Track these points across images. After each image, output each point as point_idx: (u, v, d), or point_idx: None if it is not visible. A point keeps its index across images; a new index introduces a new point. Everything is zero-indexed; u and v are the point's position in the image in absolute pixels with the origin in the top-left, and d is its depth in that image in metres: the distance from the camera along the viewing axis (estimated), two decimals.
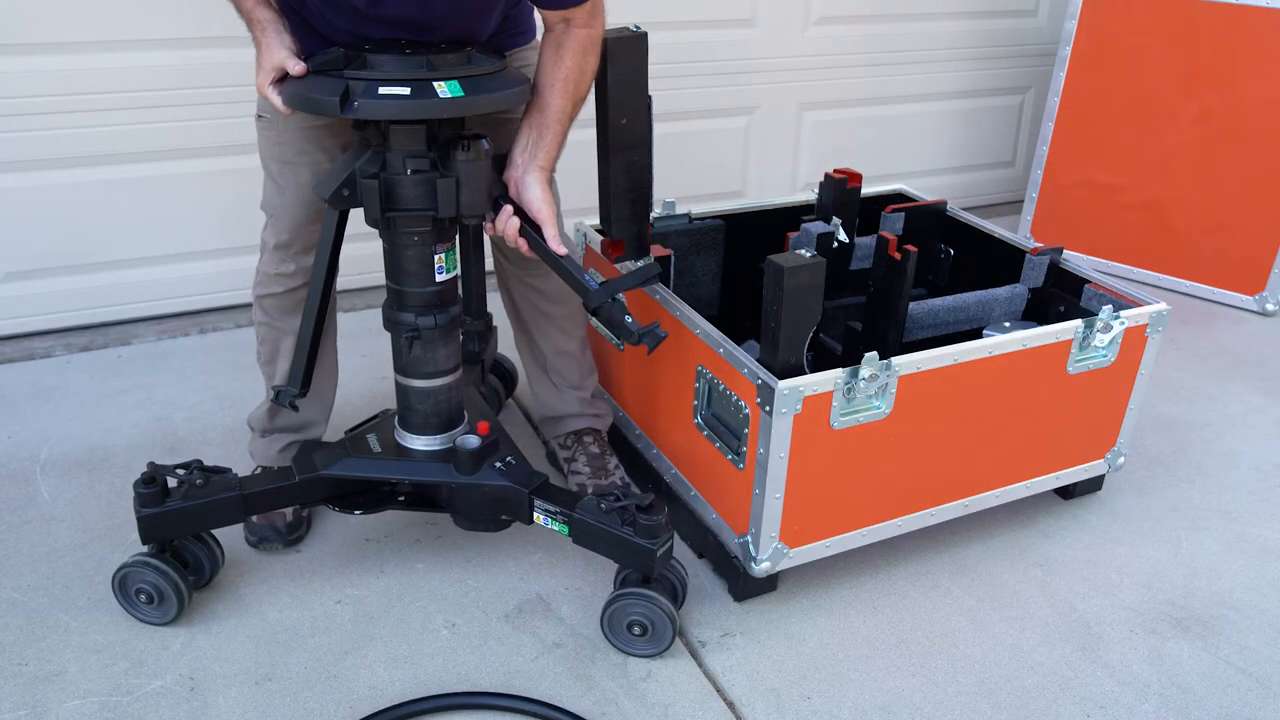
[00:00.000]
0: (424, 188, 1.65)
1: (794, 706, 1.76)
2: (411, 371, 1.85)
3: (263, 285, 2.01)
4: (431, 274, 1.76)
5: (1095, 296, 2.21)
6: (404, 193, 1.65)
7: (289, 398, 1.84)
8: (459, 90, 1.57)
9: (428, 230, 1.72)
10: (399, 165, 1.63)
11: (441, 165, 1.65)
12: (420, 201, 1.66)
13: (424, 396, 1.88)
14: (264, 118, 1.88)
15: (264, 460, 2.13)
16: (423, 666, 1.81)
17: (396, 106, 1.55)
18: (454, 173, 1.65)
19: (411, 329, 1.79)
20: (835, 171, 2.39)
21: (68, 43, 2.60)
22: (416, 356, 1.83)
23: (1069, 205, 3.59)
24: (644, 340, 1.79)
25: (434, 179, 1.64)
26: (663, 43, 2.53)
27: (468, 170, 1.65)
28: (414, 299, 1.78)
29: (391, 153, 1.64)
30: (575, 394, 2.26)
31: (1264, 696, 1.83)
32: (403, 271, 1.76)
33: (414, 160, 1.63)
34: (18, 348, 2.79)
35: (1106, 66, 3.41)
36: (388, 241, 1.75)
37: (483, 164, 1.66)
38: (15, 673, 1.75)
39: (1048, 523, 2.26)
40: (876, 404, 1.87)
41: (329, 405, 2.17)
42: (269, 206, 1.94)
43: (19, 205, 2.70)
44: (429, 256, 1.75)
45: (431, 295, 1.78)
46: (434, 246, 1.74)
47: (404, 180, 1.64)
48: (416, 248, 1.73)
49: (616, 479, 2.25)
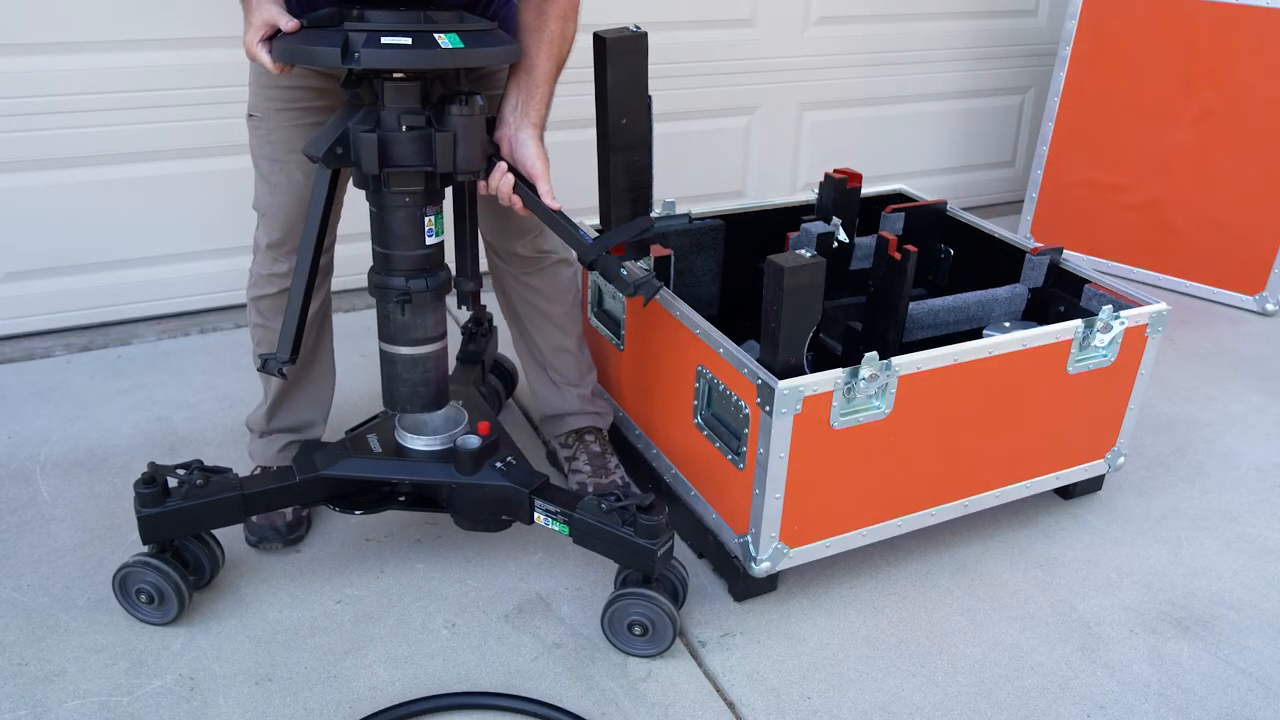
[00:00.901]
0: (419, 144, 1.65)
1: (794, 706, 1.77)
2: (400, 338, 1.82)
3: (256, 287, 2.02)
4: (422, 236, 1.75)
5: (1095, 296, 2.21)
6: (399, 150, 1.65)
7: (278, 364, 1.81)
8: (459, 42, 1.58)
9: (419, 190, 1.71)
10: (394, 122, 1.64)
11: (437, 122, 1.66)
12: (416, 158, 1.66)
13: (412, 365, 1.85)
14: (255, 116, 1.89)
15: (263, 461, 2.13)
16: (423, 666, 1.81)
17: (399, 55, 1.55)
18: (450, 128, 1.65)
19: (402, 292, 1.77)
20: (835, 171, 2.39)
21: (68, 43, 2.60)
22: (406, 322, 1.80)
23: (1069, 205, 3.59)
24: (640, 291, 1.79)
25: (430, 135, 1.65)
26: (663, 43, 2.53)
27: (464, 125, 1.66)
28: (403, 262, 1.76)
29: (386, 110, 1.64)
30: (575, 391, 2.26)
31: (1264, 696, 1.83)
32: (392, 235, 1.75)
33: (409, 116, 1.63)
34: (18, 348, 2.79)
35: (1106, 66, 3.41)
36: (377, 204, 1.74)
37: (478, 119, 1.67)
38: (15, 673, 1.75)
39: (1048, 523, 2.26)
40: (876, 404, 1.87)
41: (327, 405, 2.17)
42: (261, 206, 1.94)
43: (19, 205, 2.70)
44: (419, 219, 1.74)
45: (421, 259, 1.77)
46: (424, 209, 1.74)
47: (400, 137, 1.64)
48: (408, 209, 1.73)
49: (617, 478, 2.25)
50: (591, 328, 2.40)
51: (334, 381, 2.17)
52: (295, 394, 2.10)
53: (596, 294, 2.37)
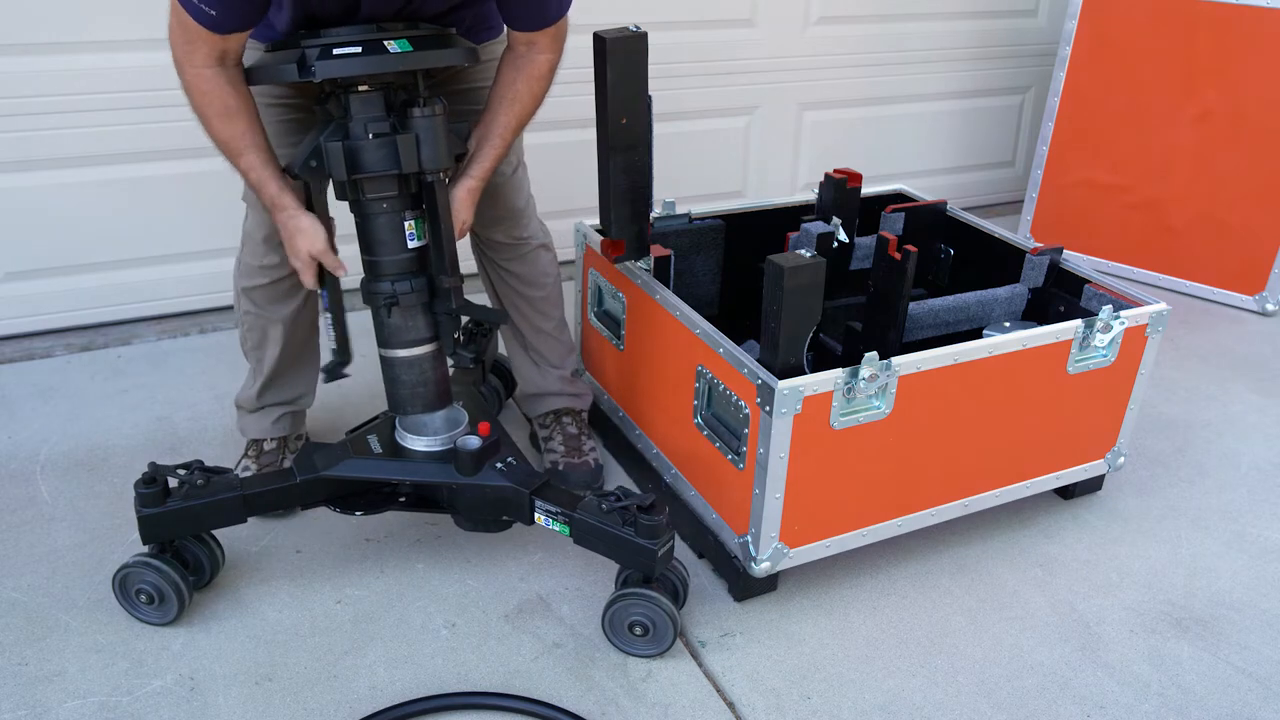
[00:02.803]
0: (386, 150, 1.71)
1: (794, 706, 1.77)
2: (395, 341, 1.87)
3: (248, 276, 2.06)
4: (403, 240, 1.81)
5: (1095, 296, 2.21)
6: (366, 156, 1.71)
7: (341, 367, 1.90)
8: (408, 46, 1.66)
9: (395, 196, 1.77)
10: (361, 131, 1.70)
11: (401, 128, 1.72)
12: (383, 163, 1.72)
13: (409, 366, 1.88)
14: None
15: (257, 434, 2.21)
16: (423, 666, 1.81)
17: (348, 64, 1.63)
18: (413, 130, 1.71)
19: (389, 296, 1.82)
20: (835, 171, 2.39)
21: (68, 43, 2.60)
22: (396, 324, 1.85)
23: (1069, 205, 3.59)
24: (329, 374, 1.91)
25: (394, 139, 1.71)
26: (663, 43, 2.53)
27: (425, 126, 1.71)
28: (388, 266, 1.81)
29: (354, 121, 1.70)
30: (556, 372, 2.33)
31: (1264, 696, 1.83)
32: (375, 241, 1.80)
33: (375, 124, 1.70)
34: (18, 348, 2.79)
35: (1106, 66, 3.41)
36: (359, 213, 1.79)
37: (439, 120, 1.73)
38: (15, 673, 1.76)
39: (1048, 523, 2.26)
40: (876, 404, 1.87)
41: (315, 380, 2.25)
42: (250, 197, 1.97)
43: (19, 205, 2.70)
44: (399, 223, 1.80)
45: (405, 262, 1.82)
46: (403, 213, 1.79)
47: (366, 144, 1.70)
48: (387, 215, 1.78)
49: (590, 460, 2.29)
50: (591, 327, 2.41)
51: (320, 357, 2.24)
52: (288, 373, 2.19)
53: (596, 294, 2.37)
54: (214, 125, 1.72)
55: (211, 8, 1.59)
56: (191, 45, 1.64)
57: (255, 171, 1.75)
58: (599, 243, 2.24)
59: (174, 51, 1.68)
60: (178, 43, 1.66)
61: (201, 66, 1.66)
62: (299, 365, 2.20)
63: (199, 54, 1.65)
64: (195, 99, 1.71)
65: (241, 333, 2.15)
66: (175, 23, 1.65)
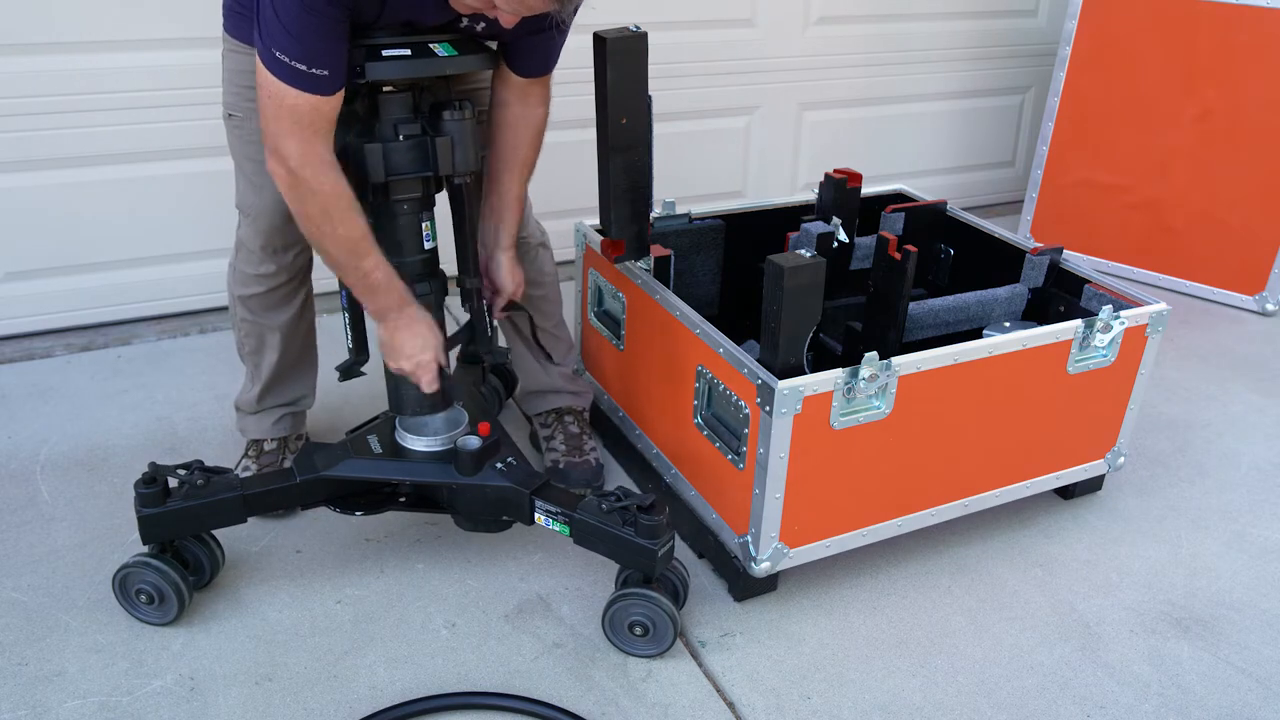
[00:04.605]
0: (418, 151, 1.71)
1: (794, 706, 1.77)
2: None
3: (243, 285, 2.05)
4: (420, 242, 1.82)
5: (1095, 296, 2.21)
6: (399, 158, 1.71)
7: (357, 366, 1.91)
8: (452, 50, 1.68)
9: (417, 198, 1.78)
10: (390, 133, 1.70)
11: (432, 129, 1.72)
12: (415, 165, 1.72)
13: None
14: (234, 116, 1.91)
15: (257, 434, 2.21)
16: (423, 666, 1.81)
17: (398, 67, 1.63)
18: (447, 133, 1.72)
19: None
20: (835, 171, 2.39)
21: (68, 43, 2.60)
22: None
23: (1069, 205, 3.59)
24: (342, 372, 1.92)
25: (428, 141, 1.71)
26: (663, 43, 2.53)
27: (459, 129, 1.72)
28: (407, 268, 1.81)
29: (381, 123, 1.70)
30: (557, 370, 2.33)
31: (1264, 696, 1.83)
32: (394, 243, 1.80)
33: (405, 126, 1.70)
34: (18, 348, 2.79)
35: (1106, 66, 3.41)
36: (377, 214, 1.78)
37: (469, 123, 1.74)
38: (15, 673, 1.75)
39: (1048, 523, 2.26)
40: (876, 404, 1.87)
41: (315, 381, 2.26)
42: (246, 205, 1.96)
43: (19, 205, 2.70)
44: (418, 225, 1.81)
45: (421, 263, 1.83)
46: (421, 214, 1.80)
47: (399, 146, 1.70)
48: (407, 216, 1.79)
49: (591, 460, 2.29)
50: (591, 327, 2.41)
51: (318, 359, 2.25)
52: (287, 376, 2.19)
53: (596, 294, 2.37)
54: (341, 228, 1.58)
55: (323, 67, 1.45)
56: (311, 133, 1.47)
57: (382, 270, 1.66)
58: (599, 243, 2.24)
59: (284, 153, 1.48)
60: (287, 140, 1.47)
61: (324, 157, 1.50)
62: (298, 368, 2.20)
63: (320, 141, 1.50)
64: (321, 203, 1.54)
65: (238, 338, 2.15)
66: (277, 115, 1.45)
